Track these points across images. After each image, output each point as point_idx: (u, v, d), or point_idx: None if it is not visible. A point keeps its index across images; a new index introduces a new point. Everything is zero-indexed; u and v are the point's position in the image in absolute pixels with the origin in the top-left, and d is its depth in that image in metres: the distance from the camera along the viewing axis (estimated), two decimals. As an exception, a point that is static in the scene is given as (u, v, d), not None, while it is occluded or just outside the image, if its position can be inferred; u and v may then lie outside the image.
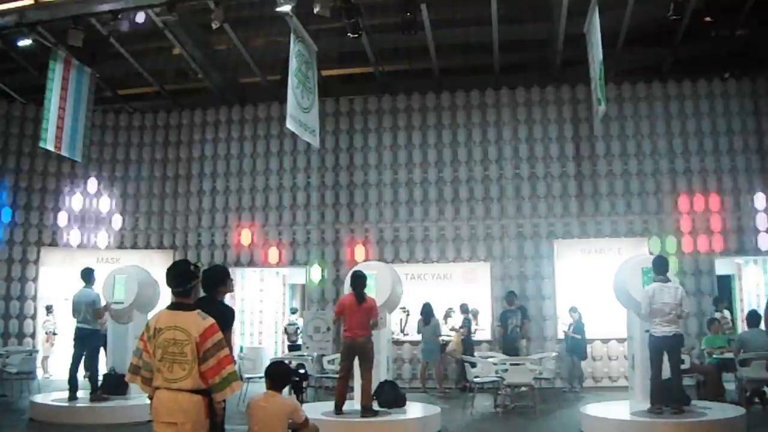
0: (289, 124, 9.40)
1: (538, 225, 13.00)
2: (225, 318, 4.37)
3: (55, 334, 13.63)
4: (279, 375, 4.71)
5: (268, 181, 14.13)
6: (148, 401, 3.89)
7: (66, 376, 9.10)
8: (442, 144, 13.62)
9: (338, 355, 8.80)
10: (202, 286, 4.47)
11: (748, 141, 12.76)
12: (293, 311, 15.09)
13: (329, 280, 13.41)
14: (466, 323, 12.20)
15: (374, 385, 7.97)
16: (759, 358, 8.76)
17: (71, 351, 9.19)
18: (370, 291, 8.27)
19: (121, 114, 15.10)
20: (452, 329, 12.56)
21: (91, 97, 11.85)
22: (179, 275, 3.92)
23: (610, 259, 11.76)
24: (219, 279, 4.92)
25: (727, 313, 12.24)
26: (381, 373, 8.37)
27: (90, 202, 14.57)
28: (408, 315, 13.14)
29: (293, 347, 13.55)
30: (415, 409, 8.50)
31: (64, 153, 11.49)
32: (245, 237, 13.98)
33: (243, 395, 9.90)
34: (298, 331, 13.74)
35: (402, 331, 13.13)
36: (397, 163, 13.71)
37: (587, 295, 12.26)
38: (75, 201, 14.46)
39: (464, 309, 12.36)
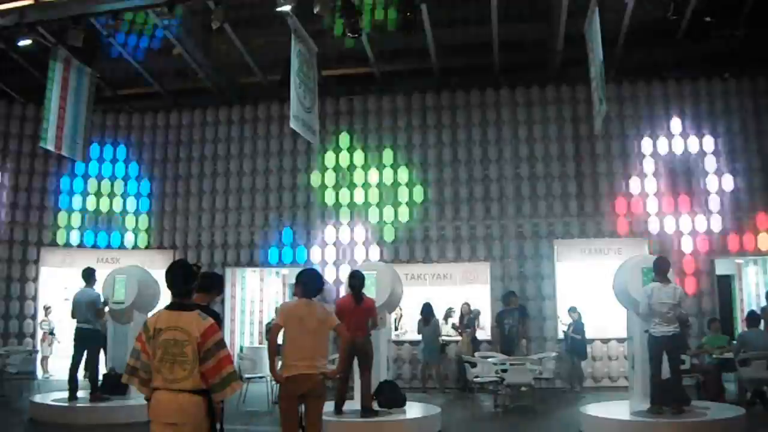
0: (293, 124, 9.44)
1: (538, 225, 12.99)
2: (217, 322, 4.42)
3: (52, 334, 13.64)
4: (311, 281, 5.19)
5: (268, 181, 14.13)
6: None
7: (66, 376, 9.11)
8: (442, 144, 13.62)
9: (338, 356, 8.78)
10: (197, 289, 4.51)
11: (748, 141, 12.76)
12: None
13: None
14: (472, 323, 12.20)
15: (374, 385, 7.98)
16: (759, 358, 8.77)
17: (71, 351, 9.20)
18: (370, 291, 8.27)
19: (121, 114, 15.10)
20: (453, 327, 12.57)
21: (91, 97, 11.85)
22: (182, 276, 3.90)
23: (610, 259, 11.77)
24: (216, 284, 5.07)
25: None
26: (381, 373, 8.37)
27: (90, 201, 14.57)
28: (401, 316, 13.16)
29: None
30: (415, 409, 8.49)
31: (64, 153, 11.49)
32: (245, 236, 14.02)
33: (244, 395, 9.93)
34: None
35: (396, 328, 13.14)
36: (397, 163, 13.71)
37: (587, 295, 12.28)
38: (75, 201, 14.46)
39: (467, 308, 12.37)
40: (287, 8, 9.59)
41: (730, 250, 12.48)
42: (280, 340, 5.19)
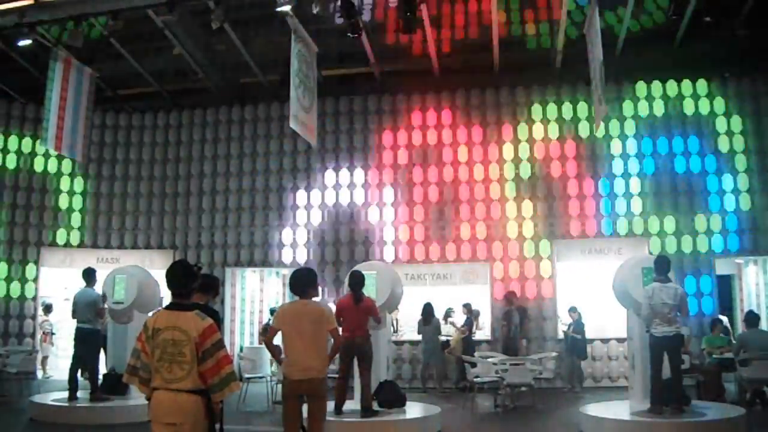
0: (292, 124, 9.45)
1: (538, 225, 12.99)
2: (216, 321, 4.46)
3: (53, 333, 13.63)
4: (300, 280, 5.15)
5: (268, 181, 14.13)
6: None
7: (66, 376, 9.11)
8: (442, 144, 13.61)
9: (337, 355, 8.79)
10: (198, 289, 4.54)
11: (747, 141, 12.76)
12: (272, 311, 15.00)
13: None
14: (468, 322, 12.21)
15: (374, 385, 7.97)
16: (759, 358, 8.77)
17: (71, 351, 9.20)
18: (370, 291, 8.27)
19: (121, 114, 15.10)
20: (453, 325, 12.57)
21: (91, 97, 11.85)
22: (183, 276, 3.91)
23: (610, 259, 11.77)
24: (213, 285, 5.09)
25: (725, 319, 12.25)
26: (381, 373, 8.37)
27: (90, 201, 14.57)
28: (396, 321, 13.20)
29: None
30: (415, 409, 8.48)
31: (64, 153, 11.49)
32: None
33: (244, 395, 9.93)
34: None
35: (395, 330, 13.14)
36: (397, 163, 13.70)
37: (587, 295, 12.27)
38: (75, 201, 14.46)
39: (468, 308, 12.37)
40: (287, 8, 9.60)
41: (730, 250, 12.48)
42: (277, 341, 5.22)
